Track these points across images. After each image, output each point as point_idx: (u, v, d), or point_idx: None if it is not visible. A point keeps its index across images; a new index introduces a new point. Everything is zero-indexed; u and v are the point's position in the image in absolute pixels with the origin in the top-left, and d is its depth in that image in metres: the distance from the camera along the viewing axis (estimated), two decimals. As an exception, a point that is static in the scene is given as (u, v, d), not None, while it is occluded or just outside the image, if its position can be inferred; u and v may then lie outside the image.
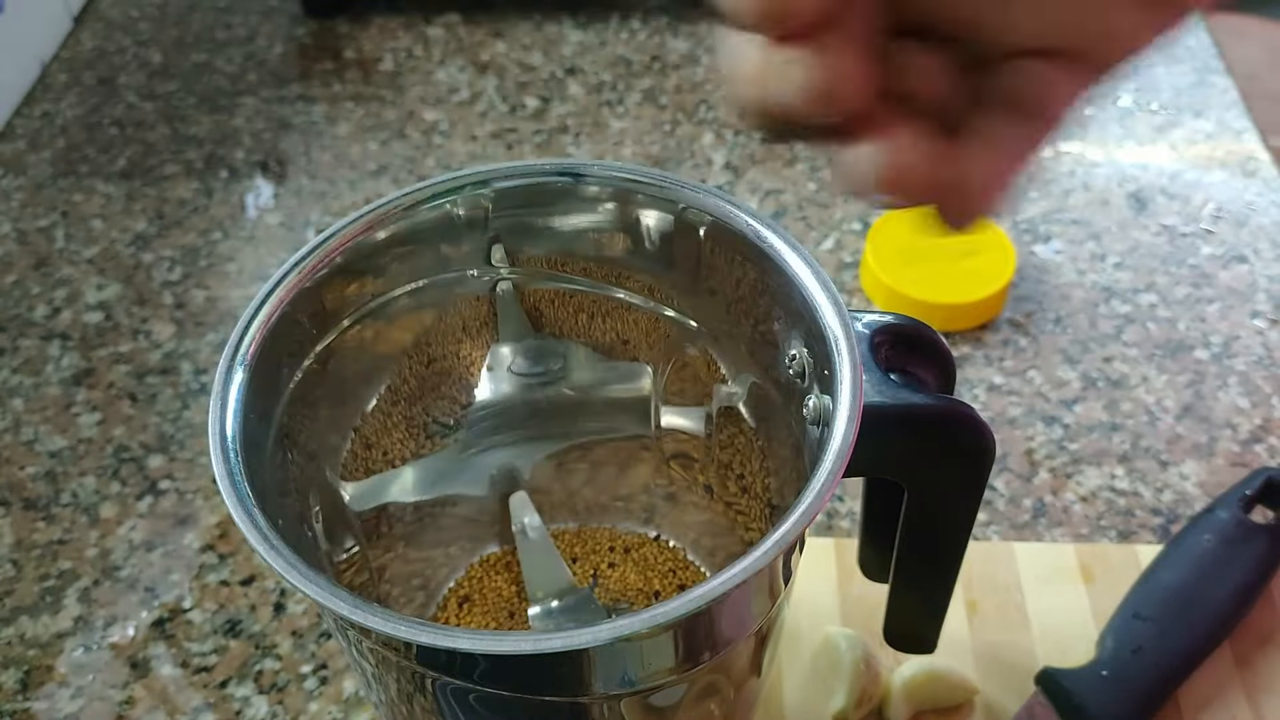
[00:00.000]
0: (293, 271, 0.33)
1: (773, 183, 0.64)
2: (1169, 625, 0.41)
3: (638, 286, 0.38)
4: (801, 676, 0.42)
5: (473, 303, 0.38)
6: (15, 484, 0.51)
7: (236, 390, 0.30)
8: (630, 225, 0.36)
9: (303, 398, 0.34)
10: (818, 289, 0.31)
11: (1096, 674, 0.40)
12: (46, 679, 0.44)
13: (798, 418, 0.33)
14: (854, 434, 0.28)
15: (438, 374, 0.39)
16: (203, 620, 0.46)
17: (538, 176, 0.35)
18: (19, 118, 0.71)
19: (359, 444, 0.38)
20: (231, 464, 0.29)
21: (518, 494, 0.43)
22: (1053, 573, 0.45)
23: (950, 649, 0.43)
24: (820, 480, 0.27)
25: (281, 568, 0.27)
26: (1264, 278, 0.58)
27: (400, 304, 0.37)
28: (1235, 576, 0.42)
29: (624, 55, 0.74)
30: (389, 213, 0.34)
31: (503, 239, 0.37)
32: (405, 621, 0.26)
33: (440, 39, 0.76)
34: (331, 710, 0.43)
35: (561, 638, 0.25)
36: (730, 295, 0.35)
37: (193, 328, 0.58)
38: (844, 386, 0.29)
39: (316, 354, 0.34)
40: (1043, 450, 0.51)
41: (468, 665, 0.27)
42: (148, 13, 0.79)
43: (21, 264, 0.61)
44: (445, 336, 0.39)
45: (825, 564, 0.46)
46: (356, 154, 0.67)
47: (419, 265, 0.36)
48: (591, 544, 0.44)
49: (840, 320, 0.30)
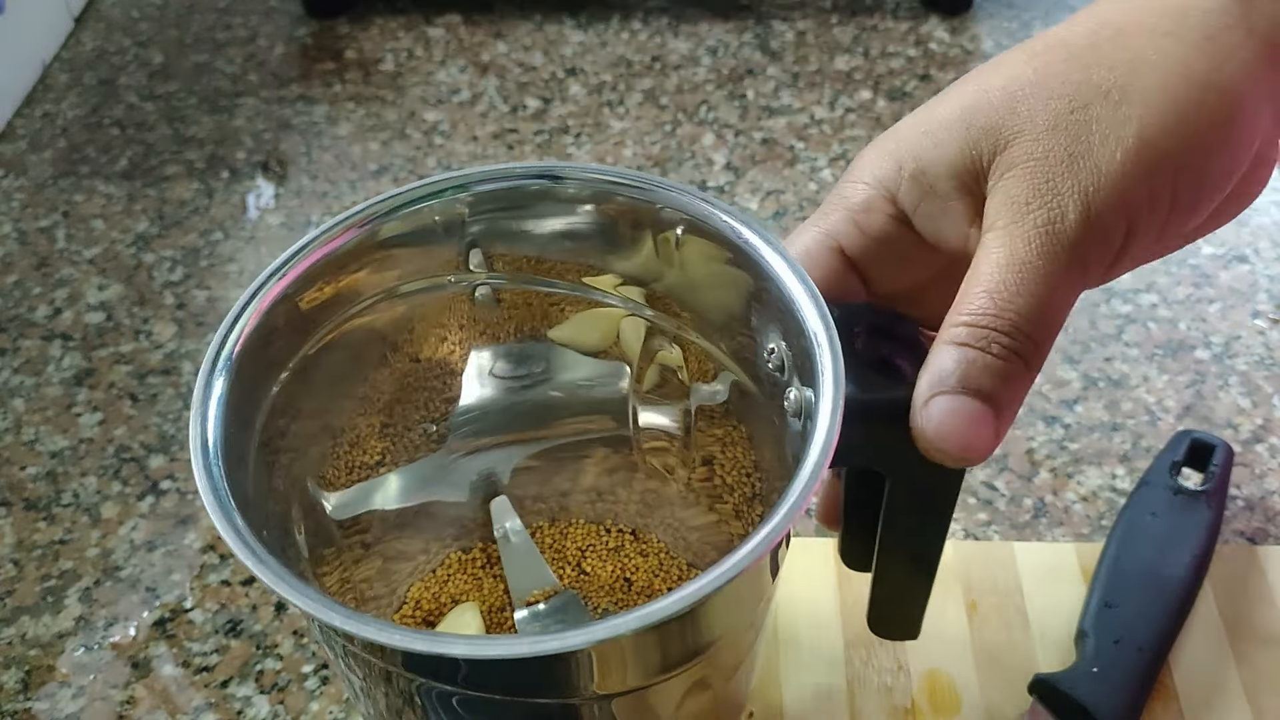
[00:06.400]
0: (270, 280, 0.32)
1: (773, 183, 0.64)
2: (1140, 608, 0.42)
3: (615, 287, 0.38)
4: (801, 678, 0.42)
5: (451, 308, 0.38)
6: (16, 484, 0.51)
7: (217, 399, 0.30)
8: (608, 226, 0.36)
9: (283, 406, 0.34)
10: (794, 282, 0.31)
11: (1087, 672, 0.40)
12: (48, 679, 0.44)
13: (779, 412, 0.33)
14: (838, 427, 0.28)
15: (418, 379, 0.39)
16: (204, 620, 0.46)
17: (515, 180, 0.35)
18: (20, 118, 0.71)
19: (341, 451, 0.38)
20: (214, 476, 0.28)
21: (499, 499, 0.43)
22: (1053, 573, 0.45)
23: (950, 649, 0.43)
24: (806, 473, 0.27)
25: (269, 578, 0.27)
26: (1265, 277, 0.58)
27: (378, 310, 0.36)
28: (1188, 546, 0.44)
29: (625, 55, 0.74)
30: (366, 219, 0.34)
31: (480, 243, 0.37)
32: (397, 630, 0.26)
33: (441, 39, 0.76)
34: (333, 710, 0.43)
35: (556, 639, 0.25)
36: (709, 292, 0.36)
37: (194, 328, 0.58)
38: (825, 380, 0.29)
39: (295, 362, 0.34)
40: (1043, 450, 0.51)
41: (458, 671, 0.27)
42: (148, 13, 0.79)
43: (22, 264, 0.61)
44: (425, 342, 0.39)
45: (825, 564, 0.46)
46: (357, 154, 0.67)
47: (396, 272, 0.36)
48: (573, 543, 0.44)
49: (819, 313, 0.30)
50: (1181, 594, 0.42)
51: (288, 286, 0.33)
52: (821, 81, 0.72)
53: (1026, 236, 0.27)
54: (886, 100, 0.70)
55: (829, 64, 0.73)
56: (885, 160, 0.31)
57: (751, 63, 0.73)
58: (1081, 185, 0.27)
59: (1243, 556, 0.45)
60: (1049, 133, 0.28)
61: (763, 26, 0.76)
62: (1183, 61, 0.28)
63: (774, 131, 0.68)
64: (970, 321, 0.28)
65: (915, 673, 0.42)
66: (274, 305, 0.32)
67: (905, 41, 0.75)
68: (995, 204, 0.28)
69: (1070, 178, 0.27)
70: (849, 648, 0.43)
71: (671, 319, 0.37)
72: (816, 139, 0.67)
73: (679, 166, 0.66)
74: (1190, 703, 0.41)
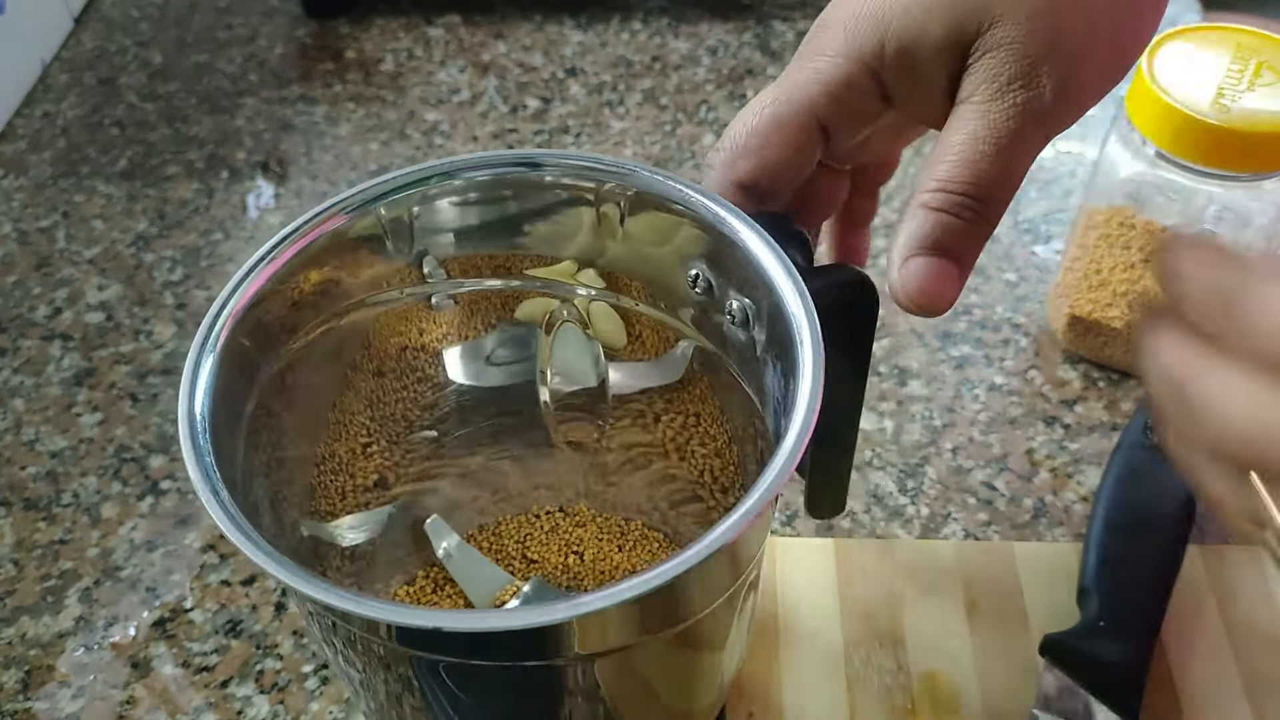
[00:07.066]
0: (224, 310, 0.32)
1: (773, 183, 0.64)
2: (1136, 561, 0.43)
3: (569, 274, 0.38)
4: (801, 678, 0.42)
5: (409, 317, 0.39)
6: (16, 484, 0.51)
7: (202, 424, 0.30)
8: (552, 210, 0.37)
9: (255, 440, 0.33)
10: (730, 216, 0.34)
11: (1095, 626, 0.41)
12: (47, 679, 0.44)
13: (733, 353, 0.35)
14: (820, 384, 0.29)
15: (388, 392, 0.40)
16: (204, 620, 0.46)
17: (484, 169, 0.36)
18: (20, 118, 0.71)
19: (326, 480, 0.38)
20: (215, 486, 0.29)
21: (431, 520, 0.43)
22: (1052, 573, 0.45)
23: (950, 649, 0.43)
24: (795, 428, 0.28)
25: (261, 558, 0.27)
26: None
27: (335, 330, 0.36)
28: (1174, 496, 0.45)
29: (625, 56, 0.74)
30: (318, 224, 0.34)
31: (431, 250, 0.37)
32: (389, 605, 0.27)
33: (441, 40, 0.76)
34: (333, 710, 0.43)
35: (542, 611, 0.26)
36: (653, 253, 0.36)
37: (194, 328, 0.58)
38: (803, 334, 0.30)
39: (260, 389, 0.34)
40: (1043, 450, 0.51)
41: (448, 643, 0.28)
42: (148, 13, 0.79)
43: (22, 264, 0.61)
44: (386, 355, 0.39)
45: (825, 564, 0.46)
46: (357, 154, 0.67)
47: (351, 285, 0.36)
48: (509, 539, 0.45)
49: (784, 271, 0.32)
50: (1175, 542, 0.44)
51: (249, 301, 0.33)
52: (821, 82, 0.72)
53: (1007, 112, 0.31)
54: (886, 100, 0.70)
55: (829, 64, 0.73)
56: (867, 34, 0.33)
57: (751, 63, 0.73)
58: (1058, 66, 0.31)
59: (1243, 556, 0.45)
60: (1030, 19, 0.31)
61: (763, 26, 0.76)
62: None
63: (774, 132, 0.68)
64: (944, 187, 0.31)
65: (915, 673, 0.42)
66: (236, 326, 0.32)
67: (905, 42, 0.75)
68: (974, 80, 0.31)
69: (1048, 59, 0.31)
70: (849, 648, 0.43)
71: (621, 295, 0.38)
72: (816, 139, 0.67)
73: (679, 166, 0.66)
74: (1190, 703, 0.41)
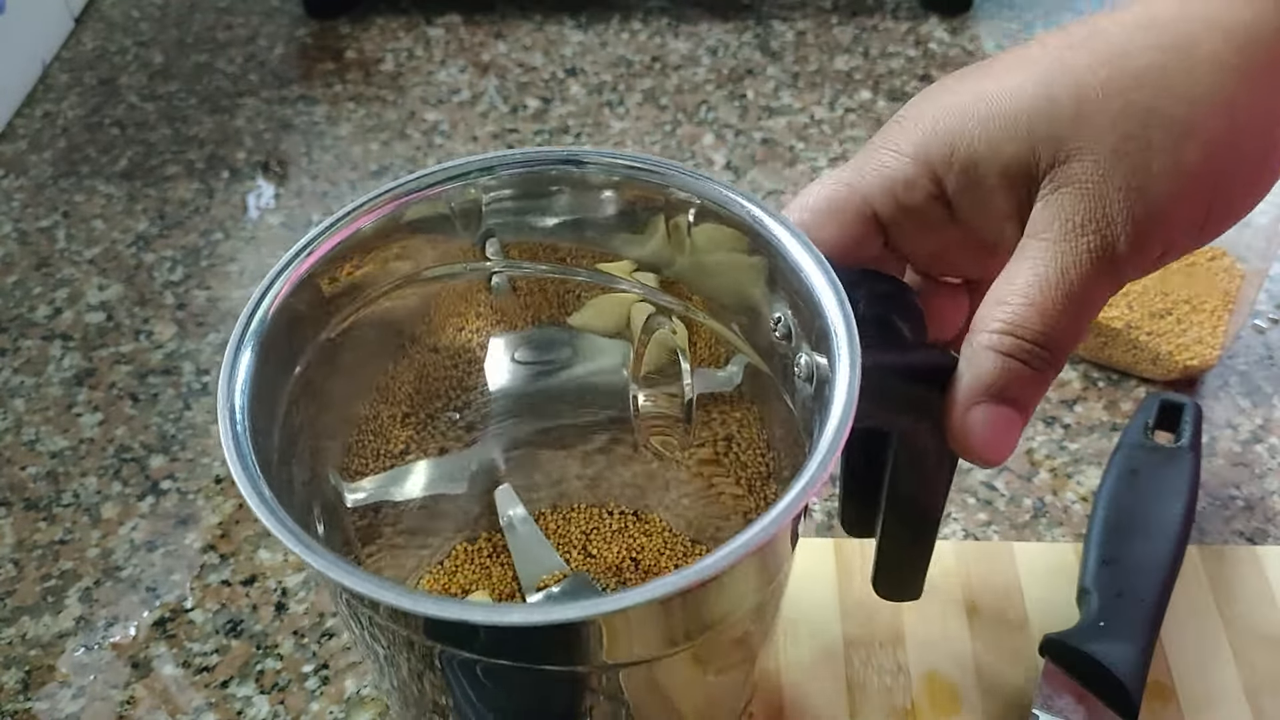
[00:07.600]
0: (294, 261, 0.32)
1: (773, 183, 0.65)
2: (1138, 561, 0.43)
3: (630, 273, 0.38)
4: (801, 678, 0.42)
5: (468, 297, 0.39)
6: (17, 484, 0.51)
7: (243, 380, 0.30)
8: (623, 212, 0.36)
9: (302, 394, 0.34)
10: (800, 250, 0.32)
11: (1095, 627, 0.41)
12: (48, 679, 0.44)
13: (791, 390, 0.34)
14: (856, 391, 0.28)
15: (437, 369, 0.40)
16: (204, 620, 0.46)
17: (536, 165, 0.36)
18: (20, 118, 0.71)
19: (366, 440, 0.38)
20: (251, 470, 0.28)
21: (502, 488, 0.43)
22: (1052, 573, 0.45)
23: (950, 649, 0.43)
24: (827, 439, 0.28)
25: (296, 545, 0.27)
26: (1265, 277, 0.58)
27: (395, 299, 0.37)
28: (1175, 497, 0.45)
29: (625, 56, 0.74)
30: (390, 200, 0.34)
31: (496, 232, 0.37)
32: (423, 597, 0.26)
33: (441, 40, 0.76)
34: (333, 710, 0.43)
35: (577, 607, 0.26)
36: (720, 275, 0.36)
37: (194, 328, 0.58)
38: (840, 346, 0.29)
39: (314, 349, 0.34)
40: (1043, 450, 0.51)
41: (478, 638, 0.28)
42: (149, 13, 0.79)
43: (23, 264, 0.61)
44: (442, 331, 0.39)
45: (825, 564, 0.46)
46: (358, 154, 0.67)
47: (413, 261, 0.36)
48: (576, 527, 0.44)
49: (827, 280, 0.31)
50: (1175, 543, 0.43)
51: (311, 267, 0.33)
52: (821, 82, 0.72)
53: (1078, 258, 0.29)
54: (886, 100, 0.70)
55: (829, 64, 0.73)
56: (938, 139, 0.31)
57: (751, 63, 0.73)
58: (1135, 216, 0.29)
59: (1243, 556, 0.45)
60: (1111, 157, 0.29)
61: (763, 26, 0.76)
62: (1237, 96, 0.29)
63: (774, 131, 0.68)
64: (1014, 332, 0.29)
65: (915, 673, 0.42)
66: (297, 287, 0.32)
67: (905, 42, 0.75)
68: (1046, 215, 0.29)
69: (1125, 207, 0.29)
70: (849, 648, 0.43)
71: (683, 303, 0.38)
72: (816, 139, 0.67)
73: (679, 166, 0.66)
74: (1190, 703, 0.41)
